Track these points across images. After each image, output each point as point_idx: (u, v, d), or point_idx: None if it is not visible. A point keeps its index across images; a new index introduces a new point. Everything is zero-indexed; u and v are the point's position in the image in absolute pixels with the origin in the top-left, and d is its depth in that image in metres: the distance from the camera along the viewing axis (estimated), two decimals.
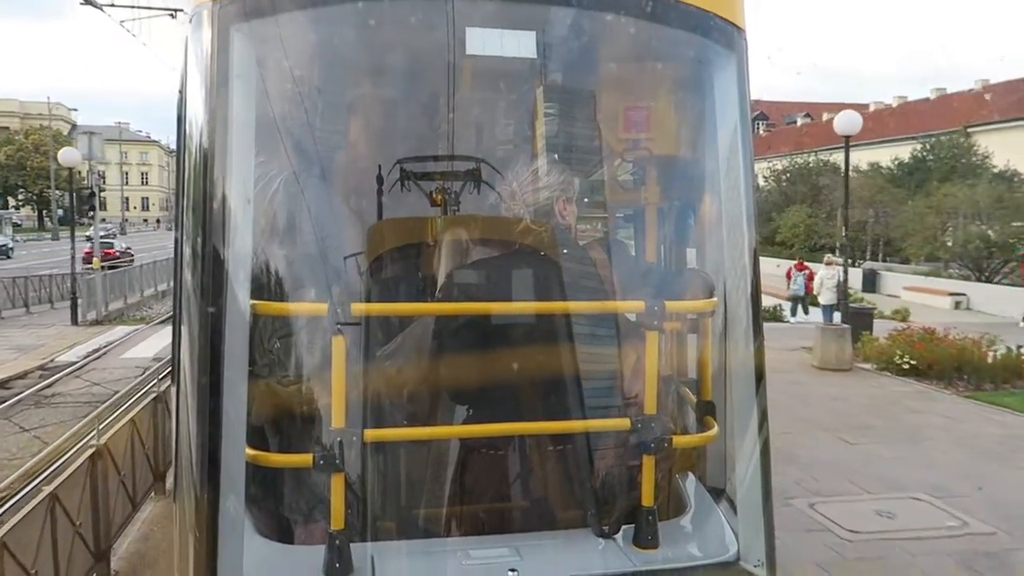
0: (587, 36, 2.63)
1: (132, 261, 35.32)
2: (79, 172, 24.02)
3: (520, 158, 2.77)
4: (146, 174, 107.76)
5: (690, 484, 2.80)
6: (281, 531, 2.50)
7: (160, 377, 10.09)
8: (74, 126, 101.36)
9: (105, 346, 16.95)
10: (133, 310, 25.26)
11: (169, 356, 10.03)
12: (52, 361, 15.13)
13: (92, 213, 23.14)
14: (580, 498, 2.59)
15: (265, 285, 2.40)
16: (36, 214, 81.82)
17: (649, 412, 2.41)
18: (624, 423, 2.50)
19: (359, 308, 2.33)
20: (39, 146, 77.37)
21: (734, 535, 2.54)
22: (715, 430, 2.60)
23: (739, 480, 2.57)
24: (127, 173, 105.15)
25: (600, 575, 2.32)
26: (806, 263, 21.54)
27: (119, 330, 19.48)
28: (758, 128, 62.76)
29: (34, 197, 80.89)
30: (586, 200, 2.79)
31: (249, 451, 2.22)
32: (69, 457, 7.11)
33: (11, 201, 79.41)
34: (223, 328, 2.18)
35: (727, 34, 2.59)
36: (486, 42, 2.46)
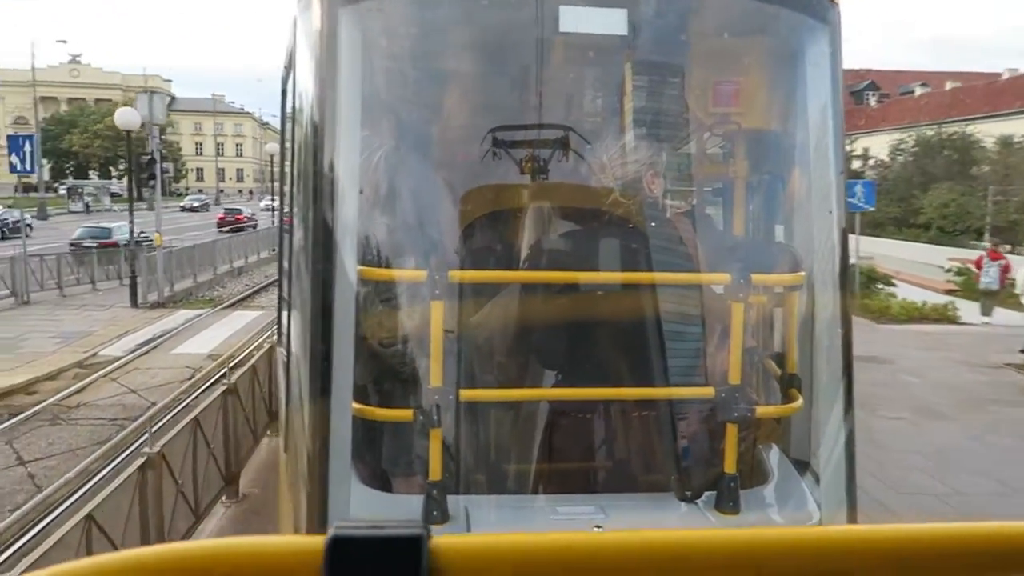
0: (677, 12, 2.73)
1: (256, 227, 37.11)
2: (158, 138, 22.30)
3: (609, 131, 2.91)
4: (240, 145, 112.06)
5: (774, 455, 2.90)
6: (383, 481, 2.78)
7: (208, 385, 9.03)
8: (173, 98, 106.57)
9: (160, 335, 15.53)
10: (204, 289, 23.61)
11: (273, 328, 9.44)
12: (94, 356, 13.63)
13: (153, 182, 21.51)
14: (663, 463, 2.75)
15: (369, 252, 2.65)
16: (136, 184, 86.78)
17: (733, 382, 2.53)
18: (708, 391, 2.63)
19: (455, 275, 2.55)
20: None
21: (817, 505, 2.65)
22: (799, 402, 2.68)
23: (823, 452, 2.66)
24: (222, 144, 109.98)
25: None
26: (1002, 252, 17.66)
27: (180, 315, 18.26)
28: (869, 99, 59.93)
29: (134, 168, 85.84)
30: (674, 174, 2.91)
31: (355, 405, 2.48)
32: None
33: (112, 171, 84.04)
34: (333, 291, 2.41)
35: (820, 6, 2.64)
36: (579, 19, 2.60)
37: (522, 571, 0.50)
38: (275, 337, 6.65)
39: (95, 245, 27.26)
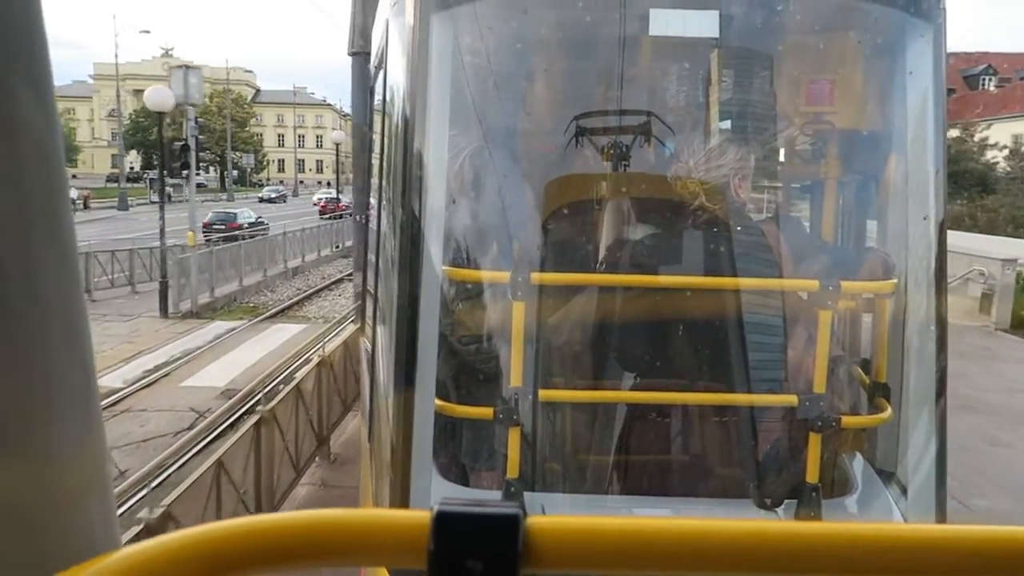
0: (770, 12, 2.74)
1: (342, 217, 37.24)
2: (193, 120, 20.44)
3: (697, 134, 2.95)
4: (320, 137, 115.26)
5: (858, 464, 2.88)
6: (461, 475, 2.90)
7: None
8: (257, 90, 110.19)
9: (177, 359, 13.31)
10: (250, 294, 21.52)
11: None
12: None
13: (187, 172, 19.70)
14: (743, 469, 2.77)
15: (455, 251, 2.77)
16: (219, 176, 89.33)
17: (818, 391, 2.53)
18: (791, 399, 2.63)
19: (537, 277, 2.64)
20: (222, 108, 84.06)
21: (903, 517, 2.62)
22: (888, 412, 2.66)
23: (911, 464, 2.63)
24: (303, 136, 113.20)
25: None
26: None
27: (212, 328, 16.27)
28: (987, 83, 56.66)
29: (217, 159, 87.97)
30: (764, 176, 2.92)
31: (438, 402, 2.60)
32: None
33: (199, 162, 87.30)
34: (419, 289, 2.52)
35: (926, 4, 2.61)
36: (669, 22, 2.64)
37: (612, 553, 0.53)
38: (358, 324, 7.16)
39: (224, 227, 32.84)
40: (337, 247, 31.89)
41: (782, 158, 3.18)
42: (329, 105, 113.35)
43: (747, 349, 2.67)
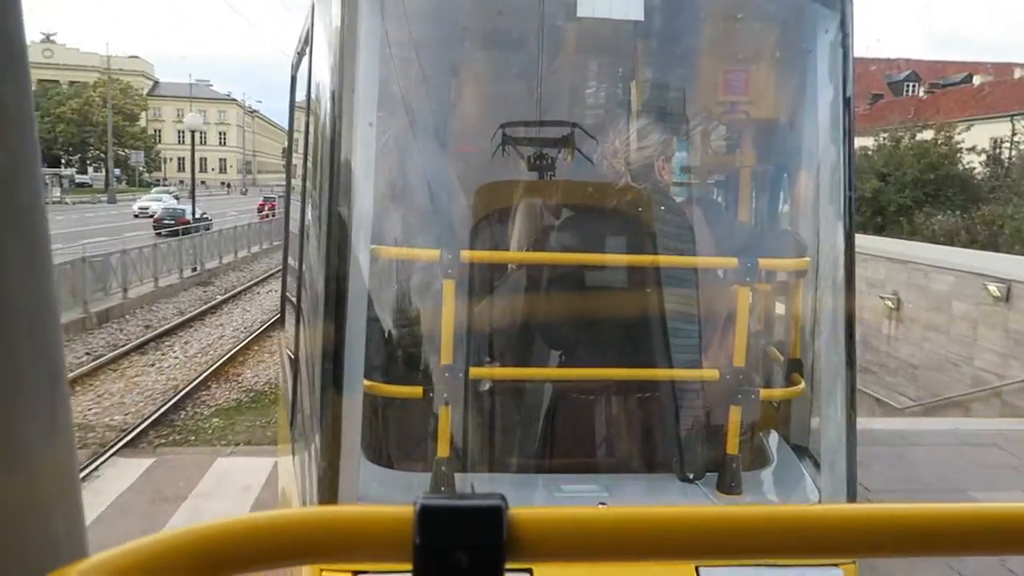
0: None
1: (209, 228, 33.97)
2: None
3: (621, 117, 3.15)
4: (224, 134, 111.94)
5: (774, 440, 3.11)
6: (391, 458, 2.99)
7: None
8: (156, 83, 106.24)
9: None
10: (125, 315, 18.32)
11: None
12: None
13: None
14: (666, 444, 2.94)
15: (383, 233, 2.89)
16: (104, 174, 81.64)
17: (738, 365, 2.73)
18: (713, 374, 2.83)
19: (467, 255, 2.77)
20: (107, 99, 77.16)
21: (816, 488, 2.87)
22: (802, 386, 2.88)
23: (824, 436, 2.88)
24: (204, 133, 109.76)
25: None
26: None
27: None
28: (915, 90, 58.74)
29: (101, 155, 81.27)
30: (684, 160, 3.15)
31: (366, 382, 2.66)
32: None
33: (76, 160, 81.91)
34: (346, 269, 2.57)
35: None
36: (596, 4, 2.84)
37: (592, 542, 0.56)
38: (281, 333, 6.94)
39: (174, 222, 35.09)
40: (195, 270, 26.78)
41: (702, 144, 3.43)
42: (233, 100, 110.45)
43: (671, 326, 2.88)
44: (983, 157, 34.95)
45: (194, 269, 26.63)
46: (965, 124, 37.32)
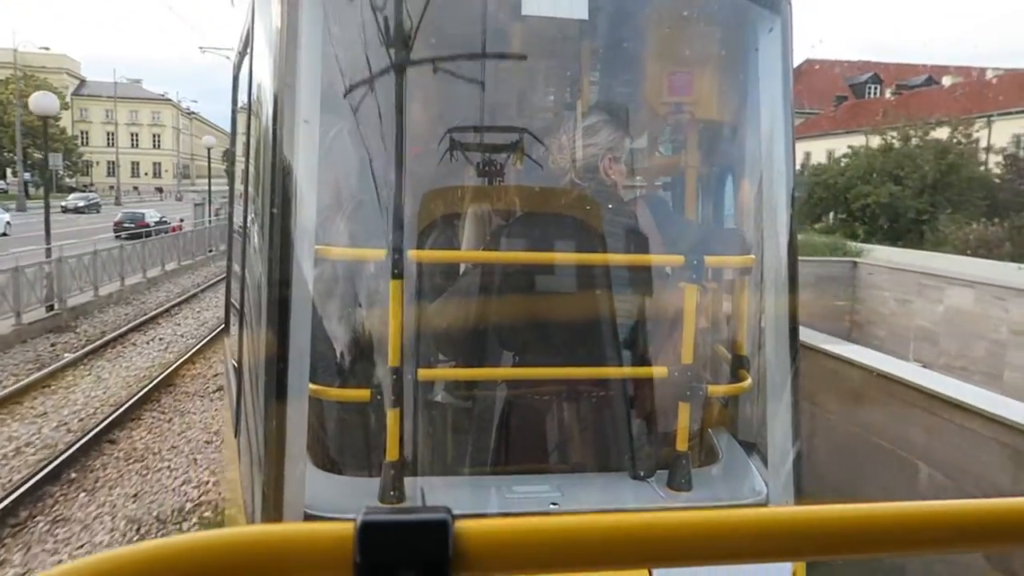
0: None
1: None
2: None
3: (568, 118, 3.26)
4: (159, 136, 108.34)
5: (722, 438, 3.25)
6: (338, 464, 3.02)
7: None
8: (82, 81, 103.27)
9: None
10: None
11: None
12: None
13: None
14: (617, 443, 3.04)
15: (328, 235, 2.94)
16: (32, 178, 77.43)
17: (686, 362, 2.83)
18: (662, 371, 2.92)
19: (414, 254, 2.84)
20: (23, 96, 74.82)
21: (764, 483, 3.01)
22: (748, 382, 2.99)
23: (769, 432, 3.01)
24: (136, 135, 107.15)
25: (635, 509, 2.82)
26: None
27: None
28: (874, 91, 60.39)
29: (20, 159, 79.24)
30: (631, 160, 3.27)
31: (312, 386, 2.67)
32: None
33: None
34: (290, 270, 2.58)
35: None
36: (541, 3, 2.94)
37: (541, 552, 0.56)
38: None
39: (133, 226, 37.53)
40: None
41: (648, 144, 3.57)
42: (168, 100, 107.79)
43: (620, 326, 3.00)
44: (999, 157, 33.47)
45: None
46: (981, 120, 35.66)
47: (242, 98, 3.91)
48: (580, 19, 2.90)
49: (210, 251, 34.07)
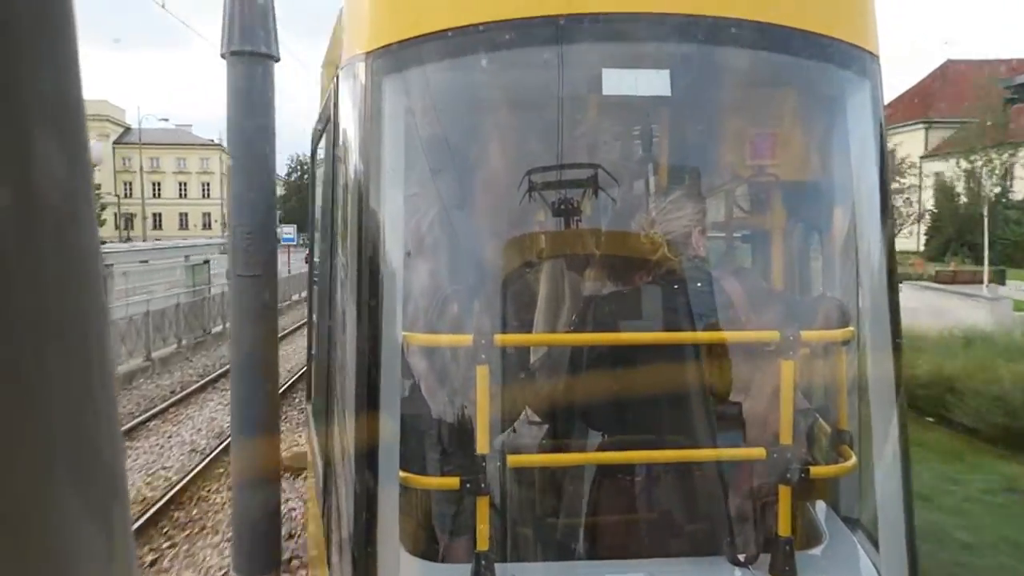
0: (717, 70, 3.30)
1: None
2: None
3: (654, 189, 3.49)
4: (208, 185, 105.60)
5: (822, 512, 3.32)
6: (430, 550, 3.17)
7: None
8: (127, 129, 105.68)
9: None
10: None
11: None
12: None
13: None
14: (714, 526, 3.10)
15: (414, 317, 3.20)
16: None
17: (785, 442, 2.91)
18: (760, 452, 3.02)
19: (500, 339, 3.07)
20: None
21: (874, 567, 3.10)
22: (853, 460, 3.05)
23: (879, 510, 3.05)
24: (184, 184, 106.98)
25: None
26: None
27: None
28: None
29: None
30: (718, 229, 3.48)
31: (402, 474, 2.84)
32: None
33: None
34: (379, 357, 2.79)
35: (860, 61, 3.19)
36: (622, 82, 3.05)
37: None
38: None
39: None
40: None
41: (734, 211, 3.77)
42: (219, 145, 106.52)
43: (714, 404, 3.17)
44: None
45: None
46: None
47: (321, 172, 4.27)
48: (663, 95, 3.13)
49: (204, 333, 26.10)
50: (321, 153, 4.32)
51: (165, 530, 10.94)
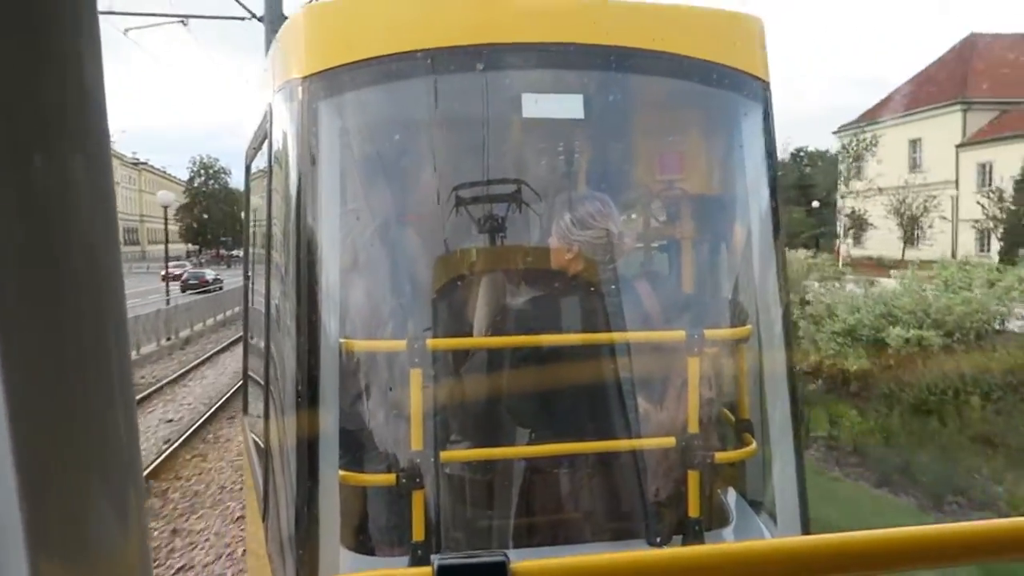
0: (626, 94, 3.67)
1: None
2: None
3: (570, 200, 3.82)
4: None
5: (731, 498, 3.70)
6: (369, 545, 3.41)
7: None
8: None
9: None
10: None
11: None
12: None
13: None
14: (632, 511, 3.45)
15: (349, 324, 3.42)
16: None
17: (692, 431, 3.26)
18: (670, 441, 3.36)
19: (432, 343, 3.33)
20: None
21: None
22: (753, 446, 3.44)
23: (777, 492, 3.45)
24: None
25: None
26: None
27: None
28: None
29: None
30: (631, 238, 3.82)
31: (341, 472, 3.08)
32: None
33: None
34: (318, 365, 3.03)
35: (753, 86, 3.59)
36: (539, 105, 3.41)
37: None
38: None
39: (197, 283, 50.99)
40: None
41: (648, 222, 4.14)
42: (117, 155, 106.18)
43: (629, 399, 3.49)
44: None
45: None
46: None
47: (257, 187, 4.48)
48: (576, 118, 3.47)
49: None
50: (256, 170, 4.54)
51: None
